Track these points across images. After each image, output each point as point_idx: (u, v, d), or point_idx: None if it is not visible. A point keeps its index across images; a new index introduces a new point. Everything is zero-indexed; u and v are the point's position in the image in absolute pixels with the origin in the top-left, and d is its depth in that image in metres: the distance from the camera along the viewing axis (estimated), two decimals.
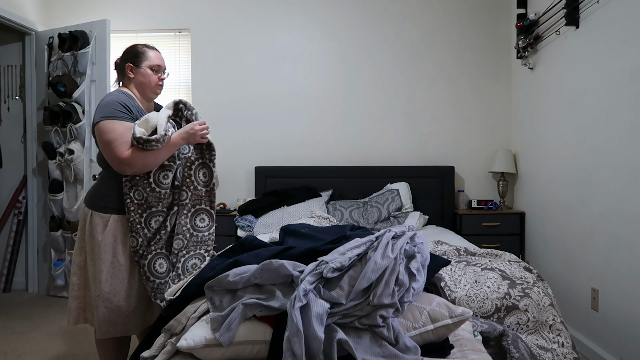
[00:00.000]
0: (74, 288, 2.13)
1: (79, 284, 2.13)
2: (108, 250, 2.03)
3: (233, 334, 1.37)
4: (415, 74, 4.19)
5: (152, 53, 2.16)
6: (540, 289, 2.10)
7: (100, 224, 2.05)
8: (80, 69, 3.85)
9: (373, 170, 4.10)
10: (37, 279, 4.19)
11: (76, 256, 2.13)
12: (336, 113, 4.22)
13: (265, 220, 3.66)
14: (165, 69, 2.21)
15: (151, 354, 1.50)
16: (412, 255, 1.51)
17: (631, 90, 2.47)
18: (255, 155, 4.24)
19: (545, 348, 1.98)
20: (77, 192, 3.89)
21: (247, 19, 4.22)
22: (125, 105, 2.03)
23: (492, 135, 4.19)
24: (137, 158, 1.95)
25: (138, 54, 2.14)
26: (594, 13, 2.81)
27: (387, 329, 1.34)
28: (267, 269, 1.48)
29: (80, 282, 2.12)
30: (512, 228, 3.82)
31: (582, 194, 2.95)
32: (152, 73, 2.14)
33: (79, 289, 2.13)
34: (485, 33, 4.16)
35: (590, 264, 2.85)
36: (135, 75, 2.13)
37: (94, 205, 2.08)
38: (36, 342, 3.03)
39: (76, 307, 2.12)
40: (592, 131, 2.83)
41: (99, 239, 2.03)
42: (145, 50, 2.15)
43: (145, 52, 2.15)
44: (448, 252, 2.57)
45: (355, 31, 4.19)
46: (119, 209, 2.06)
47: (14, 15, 3.84)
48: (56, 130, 3.92)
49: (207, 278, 1.59)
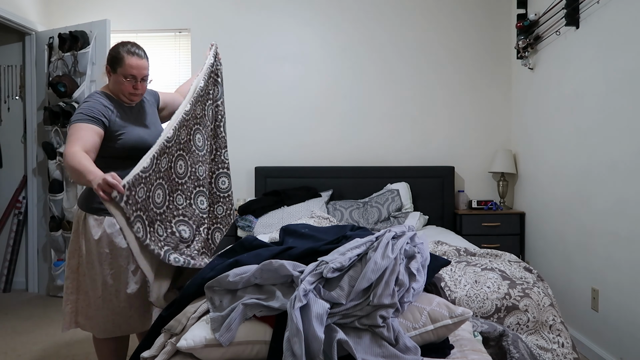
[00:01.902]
0: (67, 292, 2.11)
1: (72, 287, 2.10)
2: (105, 252, 2.03)
3: (233, 334, 1.37)
4: (415, 74, 4.18)
5: (130, 61, 2.02)
6: (540, 289, 2.10)
7: (95, 226, 2.03)
8: (81, 69, 3.85)
9: (373, 170, 4.10)
10: (37, 279, 4.19)
11: (69, 259, 2.10)
12: (336, 113, 4.22)
13: (265, 221, 3.66)
14: (143, 78, 2.08)
15: (151, 354, 1.50)
16: (412, 256, 1.51)
17: (631, 90, 2.47)
18: (255, 155, 4.24)
19: (545, 348, 1.98)
20: (77, 192, 3.89)
21: (247, 19, 4.22)
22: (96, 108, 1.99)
23: (492, 135, 4.19)
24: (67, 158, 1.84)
25: (116, 59, 2.04)
26: (594, 13, 2.81)
27: (387, 329, 1.34)
28: (267, 269, 1.48)
29: (73, 286, 2.10)
30: (512, 228, 3.82)
31: (582, 194, 2.95)
32: (125, 81, 2.04)
33: (71, 293, 2.10)
34: (485, 33, 4.16)
35: (590, 264, 2.85)
36: (111, 79, 2.08)
37: (88, 208, 2.05)
38: (36, 342, 3.03)
39: (69, 311, 2.10)
40: (592, 131, 2.83)
41: (95, 242, 2.02)
42: (124, 57, 2.03)
43: (123, 58, 2.03)
44: (448, 252, 2.57)
45: (356, 31, 4.19)
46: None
47: (14, 15, 3.84)
48: (56, 130, 3.92)
49: (207, 278, 1.59)
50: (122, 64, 2.03)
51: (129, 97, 2.10)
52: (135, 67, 2.03)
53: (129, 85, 2.05)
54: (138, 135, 2.10)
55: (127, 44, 2.07)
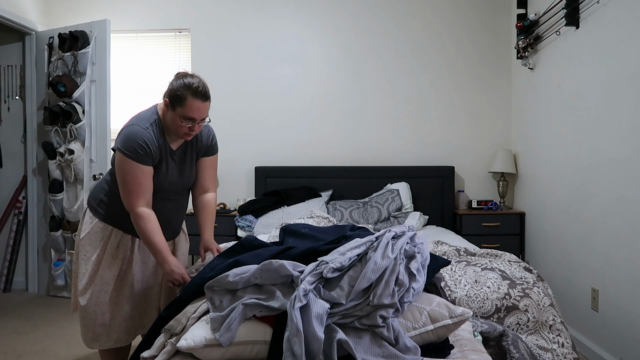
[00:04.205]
0: (74, 275, 2.16)
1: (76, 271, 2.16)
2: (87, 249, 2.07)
3: (233, 334, 1.37)
4: (415, 74, 4.18)
5: (192, 103, 1.89)
6: (540, 289, 2.10)
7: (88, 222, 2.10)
8: (81, 69, 3.85)
9: (373, 170, 4.10)
10: (37, 279, 4.19)
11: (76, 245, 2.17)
12: (336, 113, 4.22)
13: (265, 220, 3.66)
14: (201, 119, 1.95)
15: (151, 354, 1.50)
16: (412, 256, 1.51)
17: (631, 90, 2.47)
18: (255, 155, 4.24)
19: (545, 348, 1.98)
20: (77, 192, 3.89)
21: (247, 19, 4.22)
22: (147, 147, 1.92)
23: (492, 135, 4.19)
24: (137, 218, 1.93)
25: (177, 98, 1.90)
26: (594, 13, 2.81)
27: (387, 329, 1.34)
28: (267, 269, 1.48)
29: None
30: (512, 228, 3.82)
31: (582, 194, 2.95)
32: (182, 122, 1.92)
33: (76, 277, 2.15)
34: (485, 33, 4.16)
35: (590, 264, 2.85)
36: (167, 113, 1.96)
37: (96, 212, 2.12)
38: (36, 342, 3.03)
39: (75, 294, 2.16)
40: (592, 131, 2.83)
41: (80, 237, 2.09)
42: (187, 99, 1.88)
43: (186, 99, 1.88)
44: (448, 252, 2.57)
45: (356, 32, 4.19)
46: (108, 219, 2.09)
47: (14, 15, 3.84)
48: (56, 130, 3.92)
49: (207, 278, 1.59)
50: (183, 104, 1.89)
51: (183, 137, 2.00)
52: (196, 111, 1.90)
53: (185, 127, 1.93)
54: (169, 183, 2.07)
55: (192, 82, 1.90)
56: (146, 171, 1.94)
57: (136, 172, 1.92)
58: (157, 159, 1.98)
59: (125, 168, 1.92)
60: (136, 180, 1.92)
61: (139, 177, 1.92)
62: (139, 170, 1.92)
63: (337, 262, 1.44)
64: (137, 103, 4.33)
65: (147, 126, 1.96)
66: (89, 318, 2.06)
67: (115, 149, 1.96)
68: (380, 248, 1.45)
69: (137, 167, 1.92)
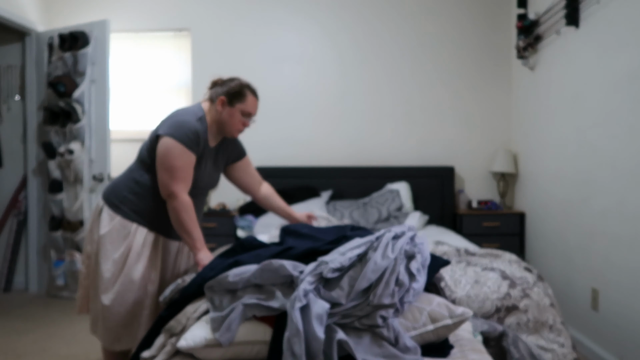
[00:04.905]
0: (81, 277, 2.15)
1: (85, 273, 2.14)
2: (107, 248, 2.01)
3: (233, 334, 1.37)
4: (415, 74, 4.18)
5: (251, 98, 2.13)
6: (540, 289, 2.10)
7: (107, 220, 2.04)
8: (80, 69, 3.85)
9: (373, 170, 4.10)
10: (37, 279, 4.19)
11: (85, 245, 2.15)
12: (336, 113, 4.22)
13: (265, 220, 3.66)
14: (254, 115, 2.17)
15: (151, 354, 1.50)
16: (412, 256, 1.51)
17: (631, 90, 2.46)
18: (255, 155, 4.21)
19: (545, 348, 1.98)
20: (77, 192, 3.89)
21: (247, 19, 4.22)
22: (197, 137, 1.99)
23: (492, 135, 4.19)
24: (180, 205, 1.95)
25: (239, 94, 2.10)
26: (594, 13, 2.81)
27: (387, 329, 1.34)
28: (267, 269, 1.47)
29: (87, 272, 2.13)
30: (512, 228, 3.82)
31: (582, 194, 2.95)
32: (241, 118, 2.11)
33: (84, 278, 2.14)
34: (485, 33, 4.16)
35: (590, 264, 2.85)
36: (223, 111, 2.09)
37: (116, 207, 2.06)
38: (36, 342, 3.03)
39: (81, 296, 2.14)
40: (592, 131, 2.83)
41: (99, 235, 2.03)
42: (247, 95, 2.12)
43: (246, 95, 2.11)
44: (448, 252, 2.57)
45: (356, 31, 4.19)
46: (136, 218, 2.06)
47: (14, 15, 3.84)
48: (56, 130, 3.92)
49: (207, 278, 1.59)
50: (244, 100, 2.10)
51: (235, 133, 2.14)
52: (253, 107, 2.15)
53: (241, 122, 2.12)
54: (202, 179, 2.11)
55: (248, 84, 2.17)
56: (193, 160, 2.00)
57: (186, 158, 1.97)
58: (200, 152, 2.04)
59: (175, 153, 1.95)
60: (184, 167, 1.96)
61: (188, 163, 1.98)
62: (188, 157, 1.97)
63: (337, 262, 1.44)
64: (137, 103, 4.33)
65: (196, 119, 2.04)
66: (112, 319, 1.99)
67: (162, 134, 1.97)
68: (380, 248, 1.45)
69: (188, 154, 1.97)
